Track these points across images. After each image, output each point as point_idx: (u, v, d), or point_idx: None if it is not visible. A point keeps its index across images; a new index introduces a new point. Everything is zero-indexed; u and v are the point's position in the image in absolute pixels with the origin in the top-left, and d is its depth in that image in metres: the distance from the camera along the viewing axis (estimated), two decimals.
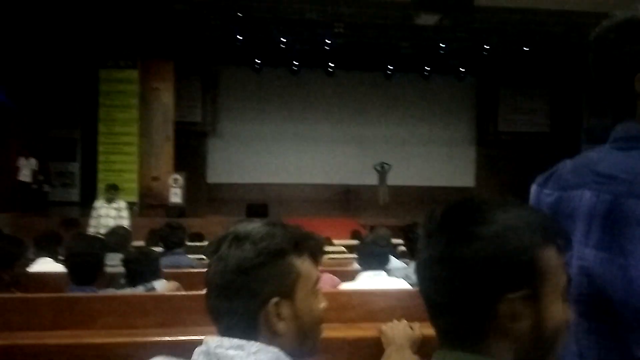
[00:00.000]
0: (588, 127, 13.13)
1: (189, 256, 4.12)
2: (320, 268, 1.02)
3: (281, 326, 0.90)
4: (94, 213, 7.49)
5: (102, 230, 6.14)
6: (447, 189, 14.50)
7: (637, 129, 0.95)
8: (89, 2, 9.04)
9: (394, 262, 3.38)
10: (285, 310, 0.90)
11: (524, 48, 11.06)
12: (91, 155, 11.11)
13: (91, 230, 6.97)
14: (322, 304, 0.97)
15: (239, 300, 0.89)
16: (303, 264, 0.94)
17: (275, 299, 0.89)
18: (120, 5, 9.27)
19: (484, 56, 11.73)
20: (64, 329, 2.07)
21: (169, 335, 2.01)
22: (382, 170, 13.08)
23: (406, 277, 2.86)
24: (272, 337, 0.89)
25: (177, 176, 11.01)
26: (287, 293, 0.91)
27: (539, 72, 13.41)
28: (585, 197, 0.96)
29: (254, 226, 0.93)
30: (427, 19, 9.20)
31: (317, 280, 0.97)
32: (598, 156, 0.99)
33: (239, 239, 0.91)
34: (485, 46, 11.19)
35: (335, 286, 2.78)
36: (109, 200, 7.59)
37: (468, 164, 15.00)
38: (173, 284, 2.81)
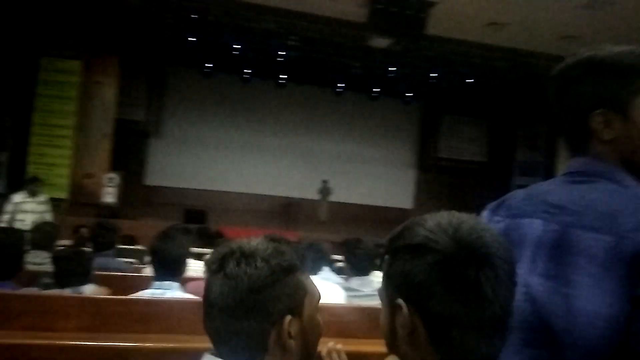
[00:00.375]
0: (520, 161, 13.82)
1: (119, 259, 3.96)
2: None
3: (291, 344, 0.88)
4: (13, 207, 7.00)
5: (23, 226, 5.74)
6: (387, 209, 14.79)
7: (589, 164, 0.98)
8: None
9: (331, 275, 3.39)
10: (295, 327, 0.89)
11: (468, 79, 11.55)
12: (22, 146, 10.50)
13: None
14: (321, 320, 0.97)
15: (250, 319, 0.86)
16: (307, 280, 0.95)
17: (288, 317, 0.88)
18: None
19: (430, 83, 12.14)
20: None
21: (93, 340, 1.91)
22: (324, 187, 13.17)
23: (348, 290, 2.87)
24: (281, 356, 0.87)
25: (113, 175, 10.60)
26: (298, 310, 0.90)
27: (480, 104, 14.02)
28: (534, 226, 0.98)
29: (258, 242, 0.92)
30: (380, 42, 9.43)
31: (320, 296, 0.97)
32: (550, 187, 1.02)
33: (246, 256, 0.88)
34: (432, 74, 11.59)
35: None
36: (32, 194, 7.16)
37: (408, 187, 15.37)
38: (103, 290, 2.68)
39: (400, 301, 0.73)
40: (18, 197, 7.10)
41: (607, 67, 0.97)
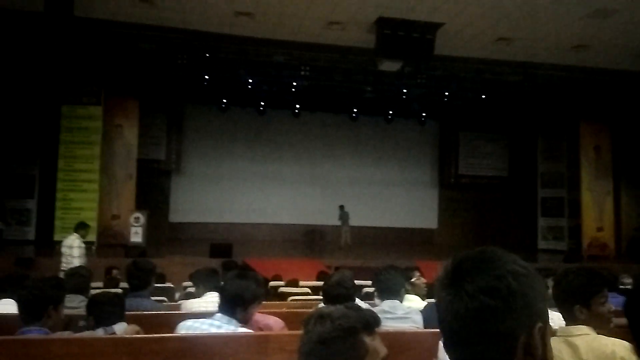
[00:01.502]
0: (543, 173, 13.66)
1: (151, 299, 4.01)
2: (283, 310, 1.19)
3: None
4: (76, 252, 7.11)
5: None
6: (412, 230, 14.71)
7: None
8: (54, 38, 9.02)
9: (359, 304, 3.41)
10: None
11: (481, 95, 11.57)
12: (49, 193, 10.80)
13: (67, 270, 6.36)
14: None
15: None
16: (372, 341, 1.13)
17: None
18: (86, 42, 9.28)
19: (444, 102, 12.19)
20: None
21: None
22: (342, 213, 13.14)
23: (381, 312, 2.90)
24: None
25: (139, 214, 10.79)
26: None
27: (496, 118, 13.98)
28: None
29: (335, 308, 1.16)
30: (390, 66, 9.53)
31: (385, 356, 1.15)
32: None
33: (321, 317, 1.12)
34: (445, 92, 11.65)
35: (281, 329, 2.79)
36: (83, 237, 7.36)
37: (431, 206, 15.27)
38: (132, 328, 2.74)
39: None
40: (77, 243, 7.21)
41: None
